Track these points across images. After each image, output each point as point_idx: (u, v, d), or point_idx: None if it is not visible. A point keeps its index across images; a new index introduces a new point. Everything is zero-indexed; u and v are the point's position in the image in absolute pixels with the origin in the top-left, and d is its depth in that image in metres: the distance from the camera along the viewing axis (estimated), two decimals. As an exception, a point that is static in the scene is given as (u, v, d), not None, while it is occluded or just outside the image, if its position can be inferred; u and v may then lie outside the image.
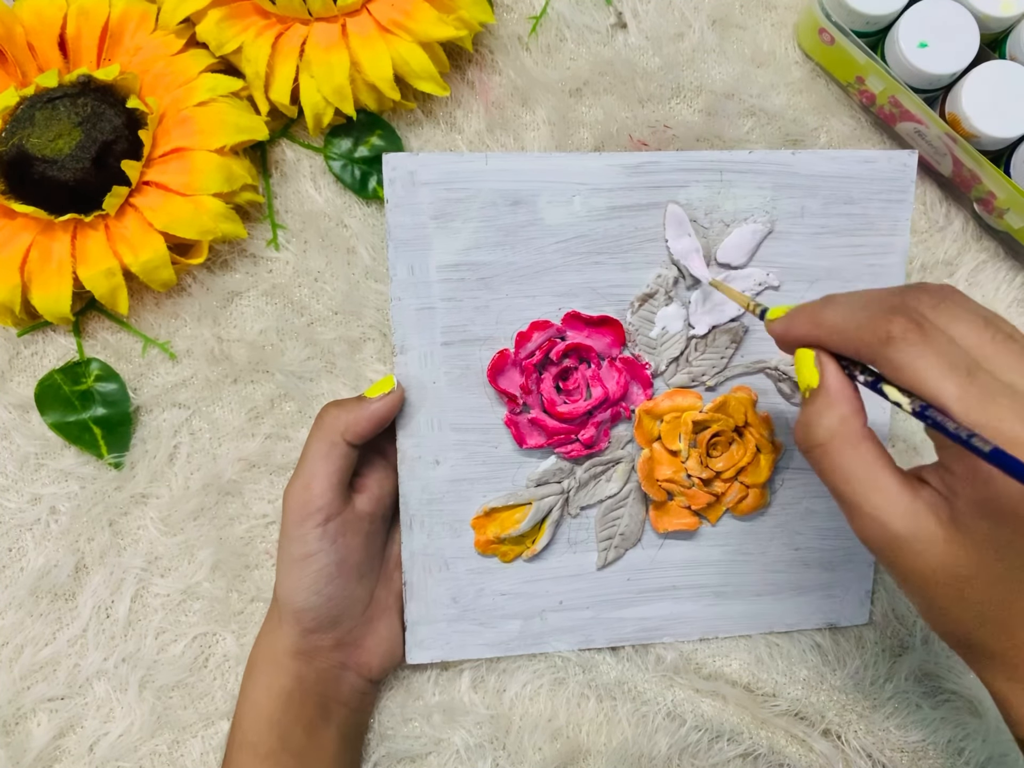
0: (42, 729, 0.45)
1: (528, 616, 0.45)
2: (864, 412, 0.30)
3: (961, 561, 0.28)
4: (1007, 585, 0.29)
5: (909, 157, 0.42)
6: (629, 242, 0.41)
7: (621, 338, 0.42)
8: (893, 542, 0.29)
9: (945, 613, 0.30)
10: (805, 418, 0.31)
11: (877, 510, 0.29)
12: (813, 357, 0.31)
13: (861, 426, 0.30)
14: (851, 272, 0.43)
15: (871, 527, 0.29)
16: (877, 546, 0.30)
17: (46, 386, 0.45)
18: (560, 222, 0.41)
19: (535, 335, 0.41)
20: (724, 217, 0.42)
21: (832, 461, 0.30)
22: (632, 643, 0.46)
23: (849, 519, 0.30)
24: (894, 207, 0.42)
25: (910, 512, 0.29)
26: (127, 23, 0.44)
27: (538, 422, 0.42)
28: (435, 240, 0.40)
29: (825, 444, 0.30)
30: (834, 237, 0.42)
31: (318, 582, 0.39)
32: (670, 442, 0.43)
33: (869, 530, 0.29)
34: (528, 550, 0.44)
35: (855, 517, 0.30)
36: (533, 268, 0.41)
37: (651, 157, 0.41)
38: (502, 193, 0.40)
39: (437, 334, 0.41)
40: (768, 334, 0.34)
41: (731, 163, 0.41)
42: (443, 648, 0.44)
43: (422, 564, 0.43)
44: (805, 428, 0.31)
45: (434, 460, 0.42)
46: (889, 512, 0.29)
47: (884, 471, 0.29)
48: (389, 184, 0.39)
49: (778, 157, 0.41)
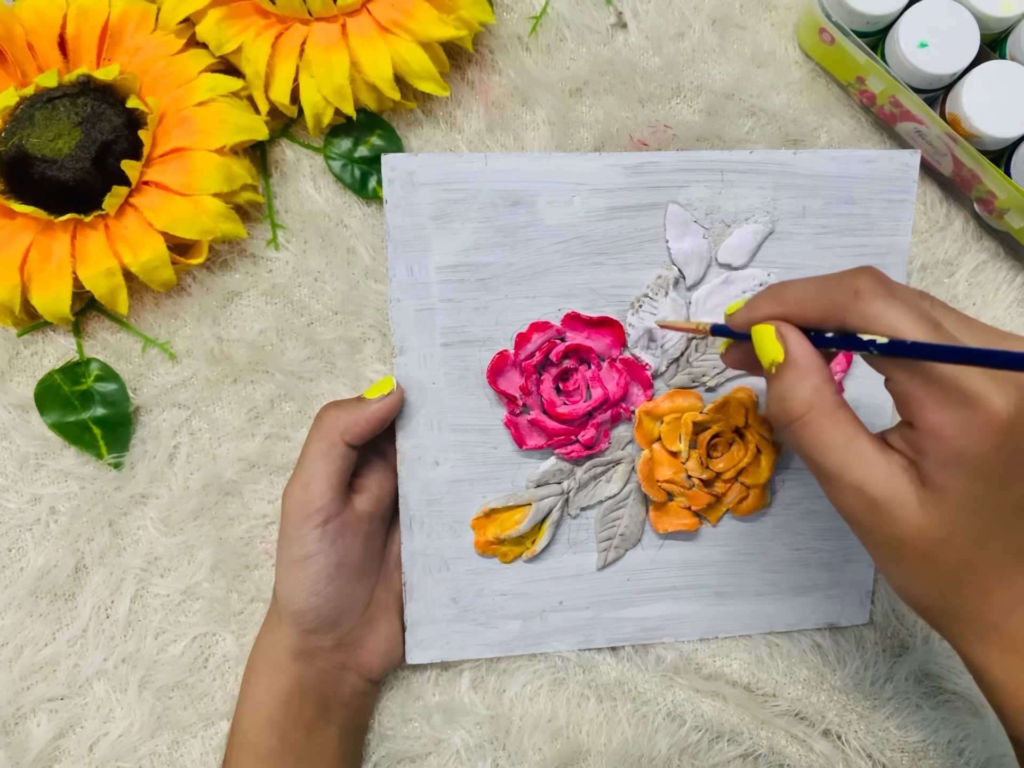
0: (42, 729, 0.45)
1: (528, 616, 0.45)
2: (833, 378, 0.30)
3: (935, 523, 0.28)
4: (982, 543, 0.29)
5: (911, 157, 0.42)
6: (629, 242, 0.41)
7: (621, 339, 0.42)
8: (871, 508, 0.29)
9: (918, 578, 0.30)
10: (778, 392, 0.30)
11: (857, 478, 0.29)
12: (773, 331, 0.31)
13: (833, 393, 0.30)
14: None
15: (850, 495, 0.29)
16: (853, 513, 0.29)
17: (46, 386, 0.45)
18: (560, 223, 0.41)
19: (535, 336, 0.41)
20: (725, 217, 0.42)
21: (811, 434, 0.29)
22: (632, 643, 0.46)
23: (825, 488, 0.30)
24: (895, 207, 0.42)
25: (886, 476, 0.28)
26: (127, 23, 0.44)
27: (538, 423, 0.42)
28: (434, 241, 0.40)
29: (803, 417, 0.29)
30: (835, 237, 0.42)
31: (318, 583, 0.39)
32: (670, 443, 0.43)
33: (848, 498, 0.29)
34: (528, 551, 0.44)
35: (834, 487, 0.30)
36: (533, 269, 0.41)
37: (651, 157, 0.41)
38: (502, 194, 0.40)
39: (436, 335, 0.41)
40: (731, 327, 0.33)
41: (732, 163, 0.41)
42: (443, 648, 0.44)
43: (422, 564, 0.43)
44: (780, 403, 0.30)
45: (434, 461, 0.42)
46: (867, 479, 0.29)
47: (861, 437, 0.29)
48: (388, 185, 0.39)
49: (779, 157, 0.41)
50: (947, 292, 0.50)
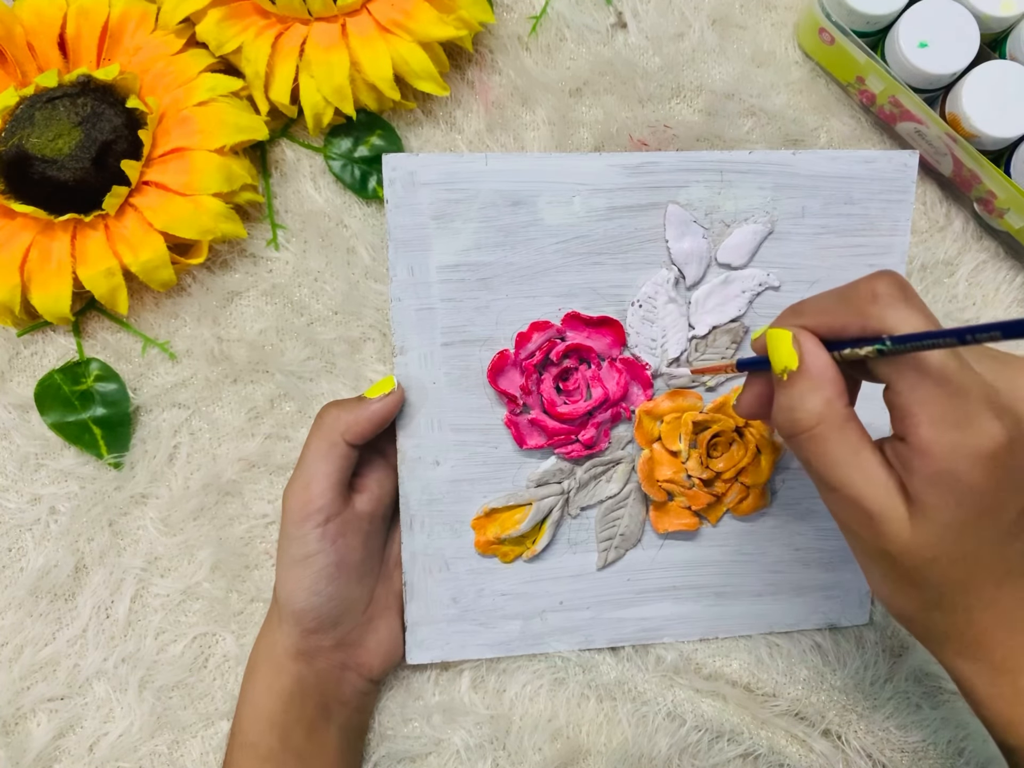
0: (42, 729, 0.45)
1: (528, 616, 0.45)
2: (847, 391, 0.30)
3: (923, 542, 0.28)
4: (968, 565, 0.29)
5: (910, 157, 0.42)
6: (629, 242, 0.41)
7: (621, 338, 0.42)
8: (866, 521, 0.29)
9: (905, 593, 0.30)
10: (787, 402, 0.30)
11: (858, 491, 0.29)
12: (791, 337, 0.30)
13: (845, 406, 0.29)
14: (852, 272, 0.42)
15: (848, 506, 0.29)
16: (849, 524, 0.30)
17: (46, 386, 0.45)
18: (560, 222, 0.41)
19: (535, 336, 0.41)
20: (724, 217, 0.42)
21: (818, 447, 0.29)
22: (632, 643, 0.46)
23: (824, 497, 0.30)
24: (894, 207, 0.42)
25: (884, 491, 0.28)
26: (127, 23, 0.44)
27: (538, 423, 0.42)
28: (435, 241, 0.40)
29: (811, 429, 0.29)
30: (834, 237, 0.42)
31: (318, 582, 0.39)
32: (670, 443, 0.43)
33: (846, 510, 0.29)
34: (528, 551, 0.44)
35: (834, 498, 0.29)
36: (533, 269, 0.41)
37: (651, 157, 0.41)
38: (502, 194, 0.40)
39: (437, 335, 0.41)
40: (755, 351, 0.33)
41: (731, 163, 0.41)
42: (443, 648, 0.44)
43: (422, 564, 0.43)
44: (789, 412, 0.29)
45: (434, 461, 0.42)
46: (866, 492, 0.28)
47: (866, 451, 0.29)
48: (389, 185, 0.39)
49: (778, 157, 0.41)
50: (947, 292, 0.50)
